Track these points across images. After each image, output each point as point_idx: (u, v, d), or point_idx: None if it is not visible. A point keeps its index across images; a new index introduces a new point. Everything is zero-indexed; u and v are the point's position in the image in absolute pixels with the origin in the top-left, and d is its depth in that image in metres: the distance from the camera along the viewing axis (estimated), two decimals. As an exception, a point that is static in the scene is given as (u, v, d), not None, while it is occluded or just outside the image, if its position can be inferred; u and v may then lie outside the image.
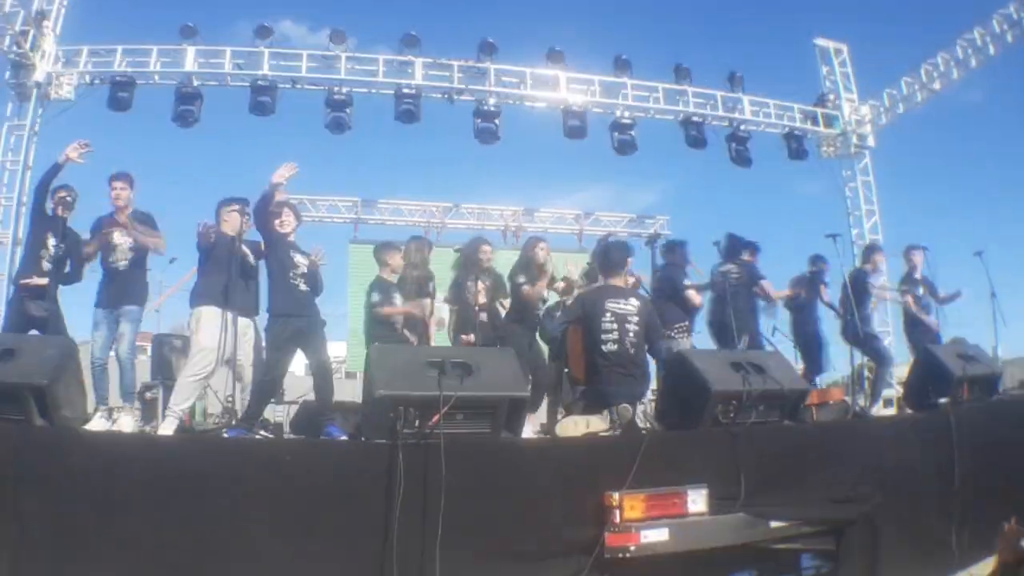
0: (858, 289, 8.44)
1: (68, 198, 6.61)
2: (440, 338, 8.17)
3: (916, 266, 9.04)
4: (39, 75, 12.58)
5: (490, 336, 7.13)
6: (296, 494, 4.19)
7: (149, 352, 9.72)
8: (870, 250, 8.95)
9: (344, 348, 16.34)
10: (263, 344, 6.21)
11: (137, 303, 6.60)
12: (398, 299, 7.10)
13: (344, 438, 5.66)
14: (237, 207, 6.32)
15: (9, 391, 4.28)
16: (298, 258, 6.06)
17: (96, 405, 6.24)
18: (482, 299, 7.68)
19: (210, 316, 5.95)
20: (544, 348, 7.37)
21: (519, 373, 4.98)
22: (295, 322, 5.95)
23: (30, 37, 12.29)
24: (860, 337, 8.23)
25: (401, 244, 7.70)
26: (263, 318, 6.22)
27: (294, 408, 8.75)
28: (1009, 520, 3.91)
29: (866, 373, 9.30)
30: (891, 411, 7.42)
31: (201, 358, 5.87)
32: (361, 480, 4.28)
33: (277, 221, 6.15)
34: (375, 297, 7.00)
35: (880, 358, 8.51)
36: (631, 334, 5.81)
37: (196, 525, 4.02)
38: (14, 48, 12.21)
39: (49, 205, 6.59)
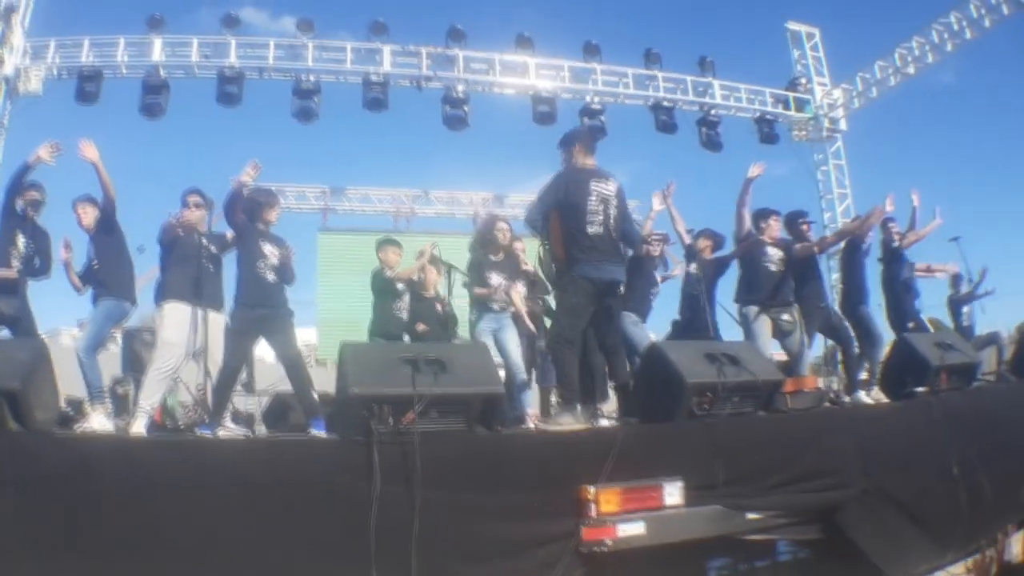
0: (858, 258, 8.41)
1: (38, 197, 6.64)
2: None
3: None
4: (7, 69, 12.69)
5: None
6: (271, 493, 4.15)
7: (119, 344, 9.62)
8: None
9: (314, 335, 16.48)
10: None
11: (108, 296, 6.48)
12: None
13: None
14: (200, 199, 6.38)
15: None
16: (267, 248, 6.06)
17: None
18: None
19: (175, 311, 6.01)
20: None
21: (493, 369, 4.98)
22: (258, 311, 5.98)
23: None
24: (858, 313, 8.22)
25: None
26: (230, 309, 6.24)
27: (265, 399, 8.81)
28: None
29: (839, 356, 9.37)
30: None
31: (166, 352, 5.95)
32: (337, 478, 4.26)
33: (269, 213, 6.21)
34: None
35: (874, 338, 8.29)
36: (612, 218, 5.69)
37: (169, 527, 3.97)
38: None
39: (19, 204, 6.57)
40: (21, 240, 6.52)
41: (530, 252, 7.60)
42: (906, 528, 5.62)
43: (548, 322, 7.38)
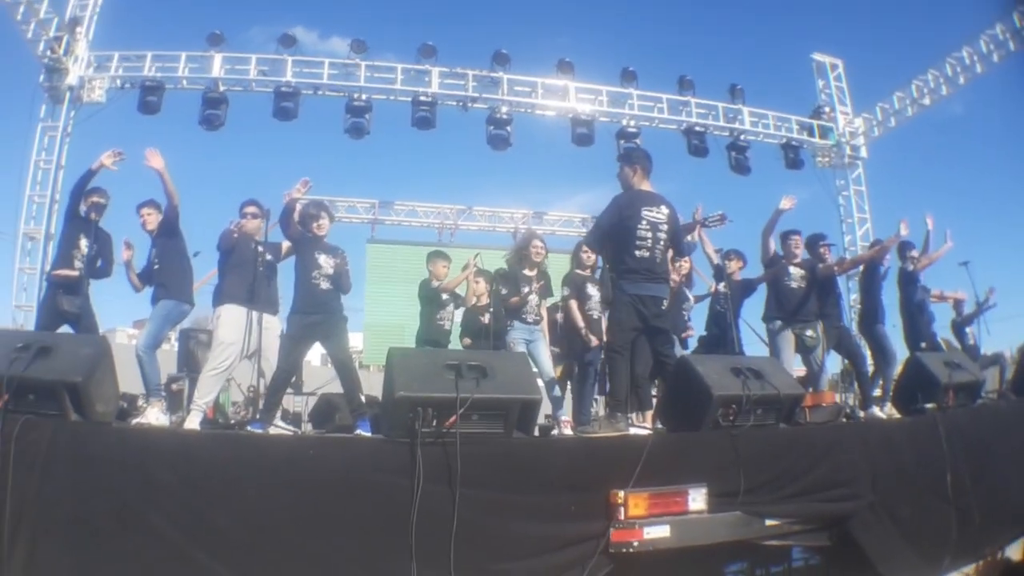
0: (876, 280, 8.71)
1: (101, 201, 6.92)
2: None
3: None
4: (72, 79, 13.07)
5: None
6: (318, 488, 4.34)
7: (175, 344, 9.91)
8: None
9: (360, 340, 16.89)
10: None
11: (168, 297, 6.69)
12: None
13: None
14: (257, 209, 6.65)
15: (46, 387, 4.38)
16: (322, 259, 6.26)
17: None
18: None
19: (231, 313, 6.27)
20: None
21: (531, 376, 5.17)
22: (311, 318, 6.18)
23: (64, 42, 12.82)
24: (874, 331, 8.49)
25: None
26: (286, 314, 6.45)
27: (312, 399, 8.97)
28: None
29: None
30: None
31: (220, 353, 6.17)
32: (382, 475, 4.43)
33: (315, 224, 6.40)
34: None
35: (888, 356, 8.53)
36: (661, 243, 5.94)
37: (219, 518, 4.16)
38: (48, 53, 12.79)
39: (83, 208, 6.87)
40: (84, 242, 6.81)
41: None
42: (907, 540, 5.81)
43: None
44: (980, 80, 14.65)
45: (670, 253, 6.25)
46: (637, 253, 5.87)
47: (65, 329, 6.66)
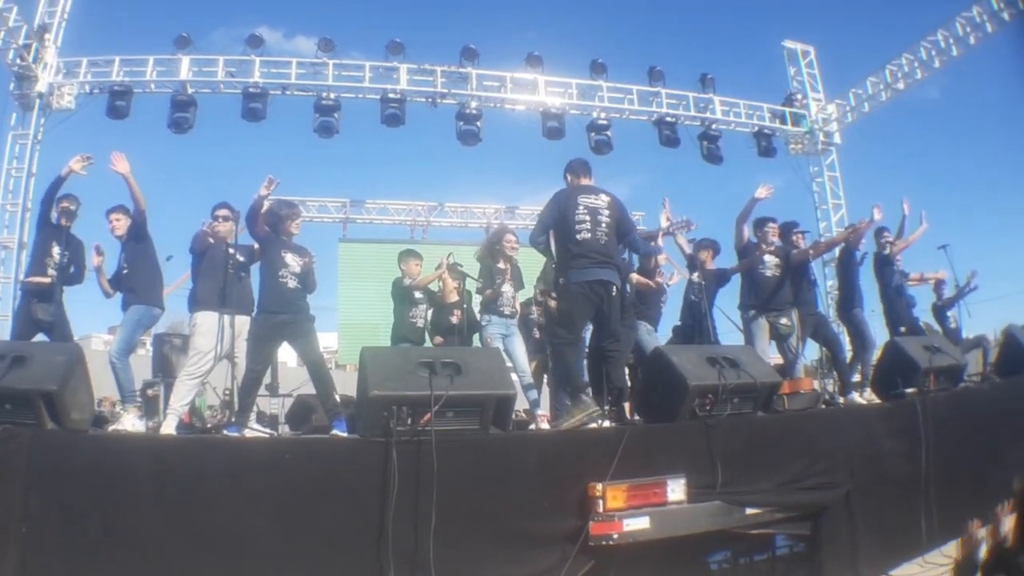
0: (852, 266, 8.75)
1: (71, 208, 6.87)
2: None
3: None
4: (41, 86, 13.04)
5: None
6: (295, 490, 4.32)
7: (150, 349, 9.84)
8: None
9: (335, 339, 16.95)
10: None
11: (138, 302, 6.68)
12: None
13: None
14: (229, 212, 6.64)
15: (22, 396, 4.36)
16: (289, 257, 6.21)
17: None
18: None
19: (206, 320, 6.27)
20: None
21: (505, 372, 5.16)
22: (279, 317, 6.12)
23: (33, 50, 12.79)
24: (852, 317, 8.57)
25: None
26: None
27: (288, 401, 8.95)
28: (973, 518, 4.09)
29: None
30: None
31: (198, 360, 6.20)
32: (357, 476, 4.42)
33: (292, 224, 6.37)
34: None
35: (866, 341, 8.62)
36: (603, 225, 5.94)
37: (197, 521, 4.15)
38: (18, 61, 12.75)
39: (54, 215, 6.83)
40: (56, 249, 6.76)
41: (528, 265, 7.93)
42: (885, 525, 5.83)
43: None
44: (956, 63, 14.81)
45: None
46: (578, 236, 5.88)
47: (40, 337, 6.65)
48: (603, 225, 5.95)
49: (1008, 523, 3.80)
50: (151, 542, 4.05)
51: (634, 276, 7.63)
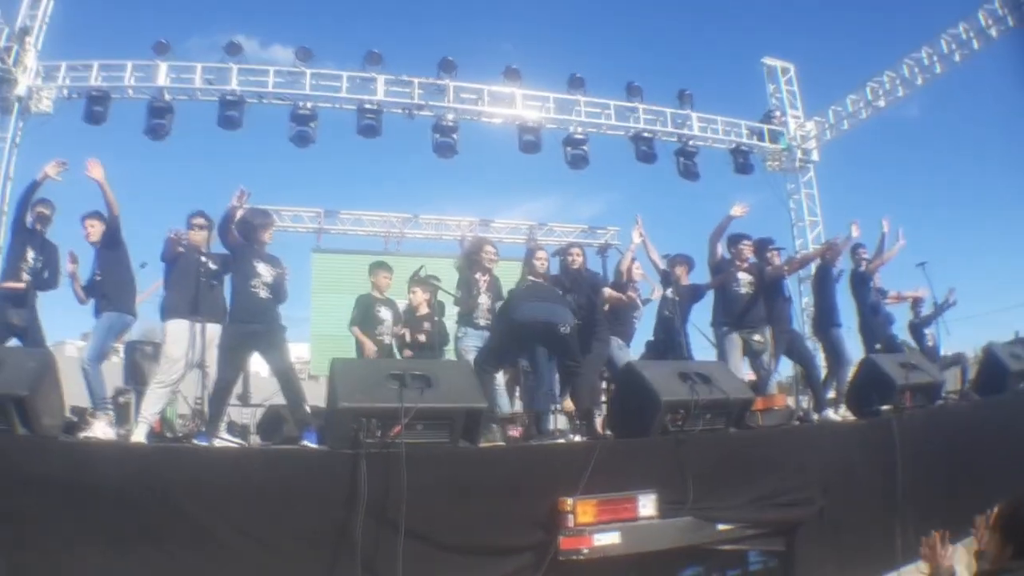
0: (828, 283, 8.76)
1: (46, 212, 6.87)
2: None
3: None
4: (20, 89, 12.79)
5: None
6: (263, 500, 4.29)
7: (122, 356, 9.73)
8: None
9: (307, 350, 16.78)
10: None
11: (111, 309, 6.68)
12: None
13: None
14: (204, 220, 6.61)
15: None
16: (261, 267, 6.17)
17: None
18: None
19: (177, 329, 6.22)
20: None
21: (476, 385, 5.12)
22: (251, 327, 6.07)
23: (13, 53, 12.51)
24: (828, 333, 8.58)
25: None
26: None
27: (260, 411, 8.91)
28: (935, 530, 4.07)
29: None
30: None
31: (169, 368, 6.17)
32: (327, 487, 4.39)
33: (266, 233, 6.36)
34: None
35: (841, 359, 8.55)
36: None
37: (165, 530, 4.11)
38: None
39: (29, 219, 6.81)
40: (31, 254, 6.73)
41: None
42: (858, 542, 5.84)
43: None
44: (938, 81, 14.81)
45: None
46: None
47: (13, 342, 6.57)
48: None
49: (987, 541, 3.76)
50: (119, 549, 4.01)
51: (607, 291, 7.61)
